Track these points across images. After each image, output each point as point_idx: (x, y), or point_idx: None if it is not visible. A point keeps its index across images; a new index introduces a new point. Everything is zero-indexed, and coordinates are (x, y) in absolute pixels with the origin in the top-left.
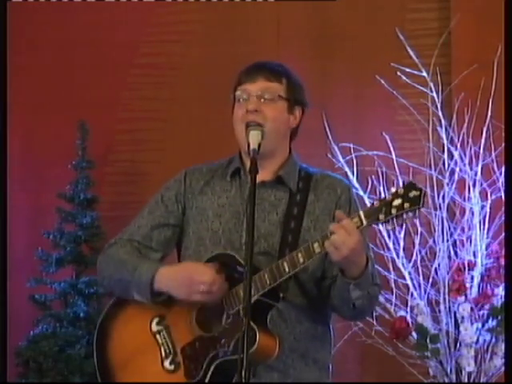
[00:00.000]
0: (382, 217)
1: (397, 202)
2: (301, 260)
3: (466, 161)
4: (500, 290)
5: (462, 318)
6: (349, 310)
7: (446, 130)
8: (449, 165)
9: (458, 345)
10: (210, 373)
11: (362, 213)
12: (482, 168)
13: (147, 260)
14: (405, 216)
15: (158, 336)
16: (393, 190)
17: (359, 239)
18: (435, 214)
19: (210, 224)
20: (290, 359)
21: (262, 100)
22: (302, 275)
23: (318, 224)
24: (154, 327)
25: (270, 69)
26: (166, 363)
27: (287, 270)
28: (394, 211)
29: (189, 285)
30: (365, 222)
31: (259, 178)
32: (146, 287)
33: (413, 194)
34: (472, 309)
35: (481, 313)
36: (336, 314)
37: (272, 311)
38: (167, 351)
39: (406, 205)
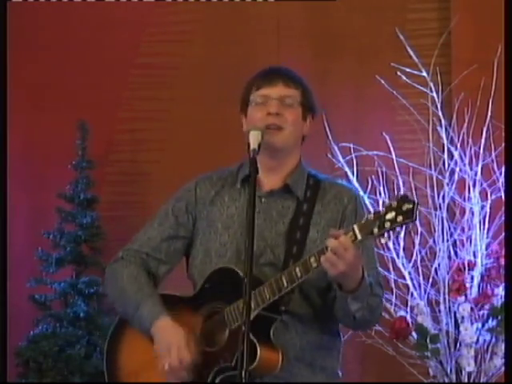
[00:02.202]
0: (375, 230)
1: (390, 215)
2: (299, 274)
3: (466, 161)
4: (500, 290)
5: (462, 317)
6: (350, 321)
7: (445, 129)
8: (449, 165)
9: (458, 345)
10: None
11: (356, 227)
12: (482, 168)
13: (149, 298)
14: (398, 229)
15: None
16: (386, 203)
17: (355, 254)
18: (435, 214)
19: (218, 237)
20: (297, 368)
21: (283, 104)
22: (306, 286)
23: (324, 235)
24: None
25: (287, 75)
26: None
27: (286, 284)
28: (387, 225)
29: (165, 350)
30: (359, 236)
31: (268, 186)
32: (146, 330)
33: (406, 207)
34: (472, 309)
35: (481, 313)
36: (342, 324)
37: (275, 323)
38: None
39: (399, 218)
